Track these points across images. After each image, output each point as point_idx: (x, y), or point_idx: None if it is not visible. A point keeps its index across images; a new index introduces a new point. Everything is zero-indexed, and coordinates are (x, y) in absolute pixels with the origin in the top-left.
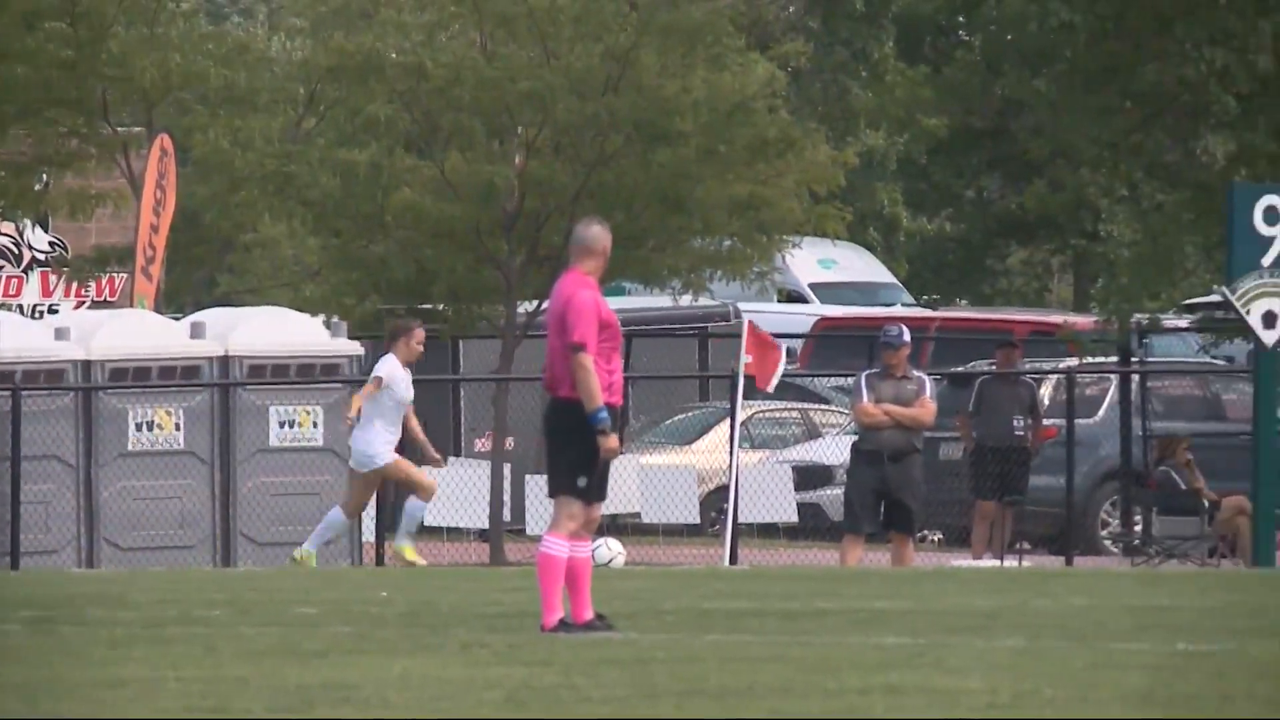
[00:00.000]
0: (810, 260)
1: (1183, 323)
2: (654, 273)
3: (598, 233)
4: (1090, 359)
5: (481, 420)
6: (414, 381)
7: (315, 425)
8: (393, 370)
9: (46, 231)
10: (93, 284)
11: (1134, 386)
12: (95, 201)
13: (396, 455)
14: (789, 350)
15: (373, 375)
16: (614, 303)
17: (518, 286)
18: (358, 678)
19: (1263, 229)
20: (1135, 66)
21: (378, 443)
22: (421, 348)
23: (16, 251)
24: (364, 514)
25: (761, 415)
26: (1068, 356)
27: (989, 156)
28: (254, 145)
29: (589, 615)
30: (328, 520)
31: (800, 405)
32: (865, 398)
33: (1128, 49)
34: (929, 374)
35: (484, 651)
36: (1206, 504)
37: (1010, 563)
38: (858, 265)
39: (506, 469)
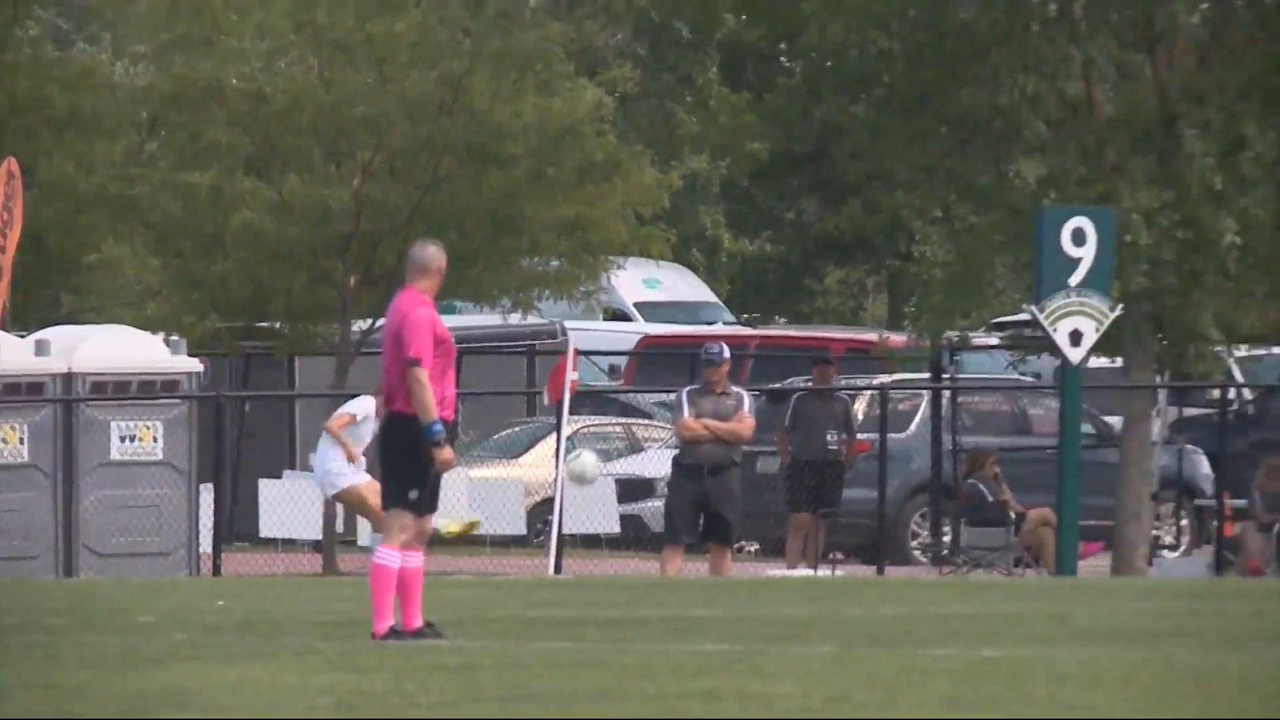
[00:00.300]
0: (635, 280)
1: (992, 340)
2: (484, 291)
3: (433, 253)
4: (903, 375)
5: (316, 435)
6: (251, 398)
7: (155, 440)
8: (369, 411)
9: None
10: None
11: (945, 402)
12: None
13: (356, 481)
14: (613, 367)
15: (345, 410)
16: (445, 320)
17: (352, 305)
18: (195, 684)
19: (1070, 250)
20: (950, 93)
21: (338, 463)
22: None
23: None
24: (201, 526)
25: (586, 430)
26: (881, 373)
27: (809, 180)
28: (98, 168)
29: (419, 623)
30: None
31: (623, 420)
32: (686, 413)
33: (944, 76)
34: (748, 390)
35: (316, 658)
36: (1012, 515)
37: (824, 572)
38: (680, 285)
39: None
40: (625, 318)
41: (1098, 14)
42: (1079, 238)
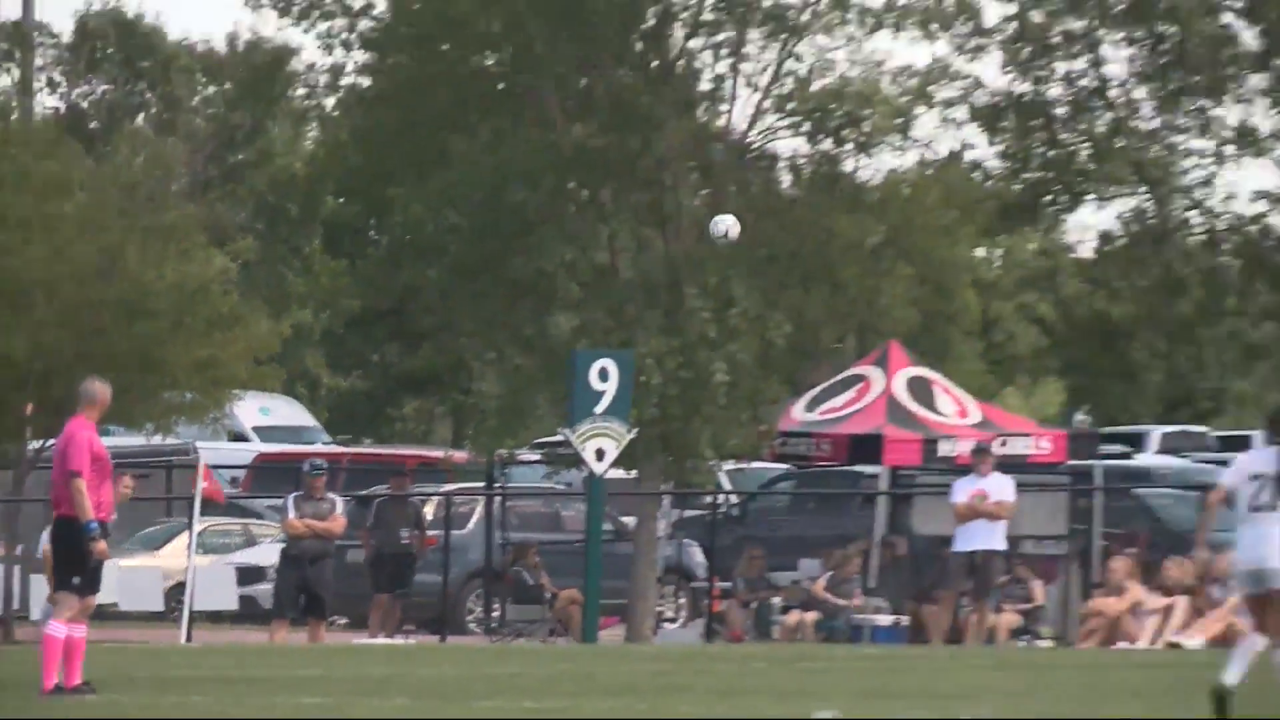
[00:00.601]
0: (252, 408)
1: (534, 456)
2: (134, 418)
3: (99, 387)
4: (463, 484)
5: None
6: None
7: None
8: None
9: None
10: None
11: (496, 505)
12: None
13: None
14: (234, 479)
15: None
16: (103, 440)
17: (29, 428)
18: None
19: (596, 385)
20: (505, 260)
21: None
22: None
23: None
24: None
25: (213, 528)
26: (446, 482)
27: (391, 329)
28: None
29: (78, 681)
30: None
31: (242, 520)
32: (291, 514)
33: (500, 246)
34: (341, 496)
35: None
36: (548, 595)
37: (399, 640)
38: (289, 412)
39: (16, 570)
40: (244, 438)
41: (620, 199)
42: (604, 375)
